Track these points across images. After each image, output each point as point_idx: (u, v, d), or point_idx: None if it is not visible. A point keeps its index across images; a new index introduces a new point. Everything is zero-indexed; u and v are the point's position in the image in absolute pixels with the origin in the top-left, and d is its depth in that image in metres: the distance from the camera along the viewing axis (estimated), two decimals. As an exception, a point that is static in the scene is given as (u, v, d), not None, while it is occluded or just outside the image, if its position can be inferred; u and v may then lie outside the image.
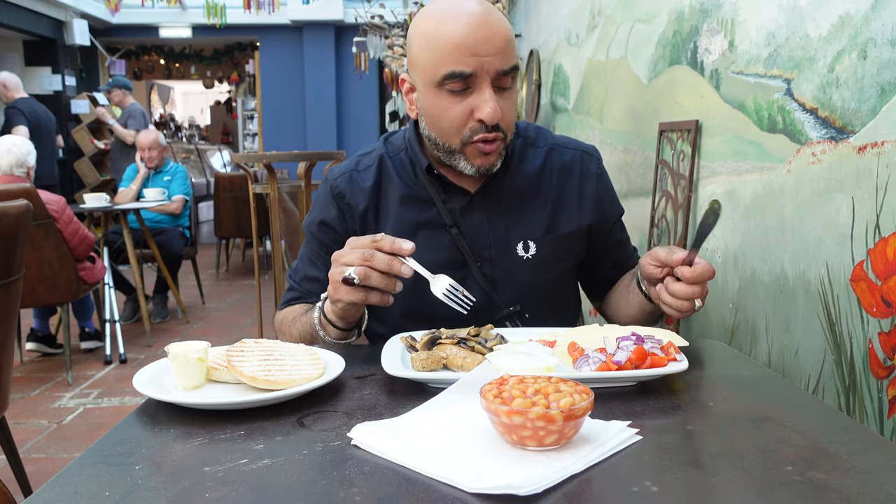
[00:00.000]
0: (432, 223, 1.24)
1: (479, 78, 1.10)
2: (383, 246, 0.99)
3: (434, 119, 1.16)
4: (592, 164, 1.34)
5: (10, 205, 1.88)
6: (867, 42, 1.15)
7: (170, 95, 15.72)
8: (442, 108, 1.13)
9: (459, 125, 1.13)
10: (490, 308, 1.24)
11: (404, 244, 0.99)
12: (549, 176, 1.29)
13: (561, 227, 1.27)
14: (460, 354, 0.94)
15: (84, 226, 3.48)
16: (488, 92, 1.10)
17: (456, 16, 1.10)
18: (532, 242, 1.24)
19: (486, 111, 1.10)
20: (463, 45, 1.08)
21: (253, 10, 8.45)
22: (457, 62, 1.08)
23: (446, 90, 1.11)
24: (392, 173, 1.27)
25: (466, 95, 1.11)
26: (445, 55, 1.09)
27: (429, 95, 1.15)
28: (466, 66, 1.08)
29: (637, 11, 2.43)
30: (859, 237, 1.17)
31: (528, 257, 1.24)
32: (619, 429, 0.74)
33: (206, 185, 8.90)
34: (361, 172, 1.28)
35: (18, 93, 6.04)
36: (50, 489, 0.66)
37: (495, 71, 1.09)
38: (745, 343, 1.60)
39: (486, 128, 1.12)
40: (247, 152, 9.83)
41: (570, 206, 1.28)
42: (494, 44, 1.09)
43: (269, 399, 0.85)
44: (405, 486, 0.65)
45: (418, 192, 1.25)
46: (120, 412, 3.19)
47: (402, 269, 0.99)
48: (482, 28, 1.08)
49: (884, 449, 0.71)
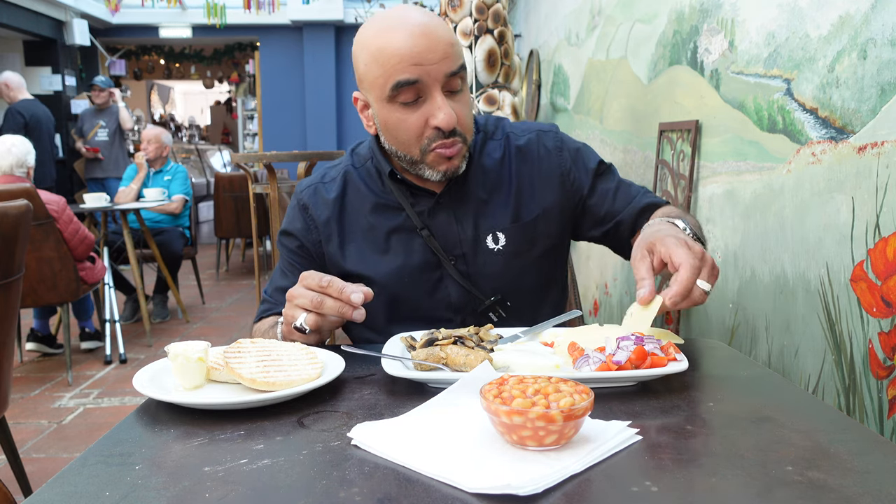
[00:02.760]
0: (403, 228, 1.26)
1: (428, 85, 1.12)
2: (331, 293, 1.00)
3: (392, 133, 1.18)
4: (549, 140, 1.33)
5: (10, 205, 1.88)
6: (867, 42, 1.15)
7: (170, 95, 15.72)
8: (397, 120, 1.15)
9: (417, 135, 1.15)
10: (472, 303, 1.26)
11: (353, 296, 1.00)
12: (509, 165, 1.30)
13: (526, 214, 1.28)
14: (461, 354, 0.94)
15: (84, 226, 3.48)
16: (440, 98, 1.12)
17: (396, 28, 1.11)
18: (501, 234, 1.26)
19: (440, 117, 1.12)
20: (407, 56, 1.10)
21: (253, 10, 8.46)
22: (402, 72, 1.10)
23: (399, 103, 1.13)
24: (359, 184, 1.29)
25: (419, 105, 1.13)
26: (391, 68, 1.11)
27: (383, 110, 1.16)
28: (412, 74, 1.10)
29: (637, 11, 2.43)
30: (859, 237, 1.17)
31: (498, 249, 1.26)
32: (619, 429, 0.74)
33: (206, 185, 8.90)
34: (327, 184, 1.31)
35: (21, 93, 6.03)
36: (50, 489, 0.66)
37: (443, 75, 1.11)
38: (745, 343, 1.60)
39: (444, 134, 1.14)
40: (247, 152, 9.83)
41: (534, 190, 1.29)
42: (437, 51, 1.11)
43: (269, 399, 0.85)
44: (405, 486, 0.65)
45: (387, 199, 1.27)
46: (120, 412, 3.19)
47: (353, 315, 1.01)
48: (423, 36, 1.10)
49: (884, 449, 0.71)
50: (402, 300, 1.24)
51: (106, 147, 6.70)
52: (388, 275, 1.25)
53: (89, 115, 6.80)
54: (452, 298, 1.26)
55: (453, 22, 3.32)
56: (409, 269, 1.24)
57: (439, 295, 1.26)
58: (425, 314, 1.24)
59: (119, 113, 6.71)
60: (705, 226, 1.86)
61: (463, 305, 1.25)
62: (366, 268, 1.26)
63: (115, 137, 6.73)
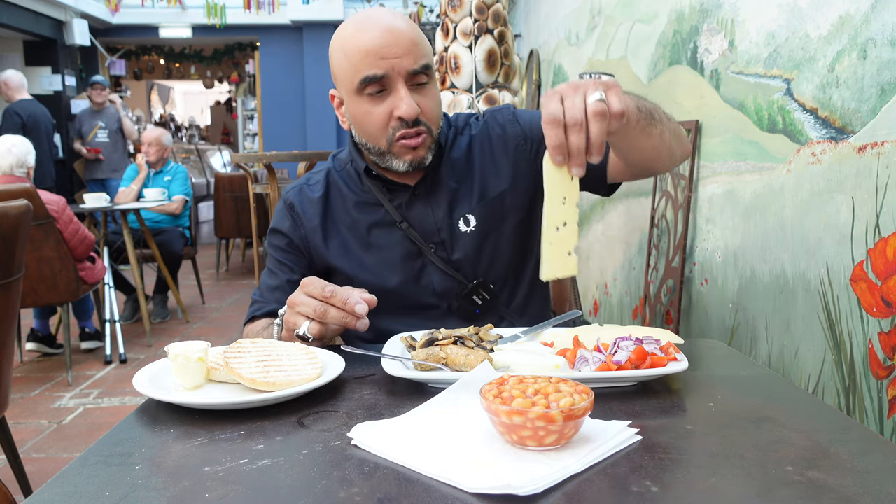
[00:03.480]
0: (383, 222, 1.32)
1: (393, 79, 1.19)
2: (335, 303, 1.03)
3: (360, 125, 1.25)
4: (502, 116, 1.39)
5: (10, 205, 1.88)
6: (867, 42, 1.15)
7: (170, 95, 15.72)
8: (365, 112, 1.22)
9: (382, 126, 1.22)
10: (455, 287, 1.31)
11: (358, 307, 1.03)
12: (473, 151, 1.36)
13: (490, 191, 1.33)
14: (461, 354, 0.94)
15: (84, 226, 3.48)
16: (403, 91, 1.19)
17: (365, 27, 1.20)
18: (470, 215, 1.32)
19: (402, 108, 1.18)
20: (372, 51, 1.18)
21: (253, 10, 8.46)
22: (370, 66, 1.18)
23: (366, 96, 1.20)
24: (341, 185, 1.36)
25: (384, 97, 1.20)
26: (359, 62, 1.19)
27: (353, 103, 1.24)
28: (378, 69, 1.18)
29: (637, 11, 2.43)
30: (859, 237, 1.17)
31: (470, 230, 1.31)
32: (619, 429, 0.74)
33: (206, 185, 8.90)
34: (311, 186, 1.38)
35: (20, 93, 6.02)
36: (50, 489, 0.66)
37: (405, 71, 1.18)
38: (745, 343, 1.60)
39: (407, 124, 1.20)
40: (247, 152, 9.83)
41: (497, 168, 1.35)
42: (401, 45, 1.18)
43: (269, 399, 0.85)
44: (405, 486, 0.65)
45: (366, 196, 1.33)
46: (120, 412, 3.19)
47: (357, 325, 1.04)
48: (388, 33, 1.18)
49: (884, 449, 0.71)
50: (388, 290, 1.28)
51: (107, 148, 6.69)
52: (372, 267, 1.30)
53: (87, 115, 6.78)
54: (436, 285, 1.31)
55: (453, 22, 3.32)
56: (392, 260, 1.30)
57: (423, 282, 1.31)
58: (411, 301, 1.30)
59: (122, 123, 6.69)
60: (705, 226, 1.86)
61: (447, 291, 1.31)
62: (350, 261, 1.31)
63: (116, 138, 6.73)
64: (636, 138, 1.10)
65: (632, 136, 1.08)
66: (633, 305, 2.57)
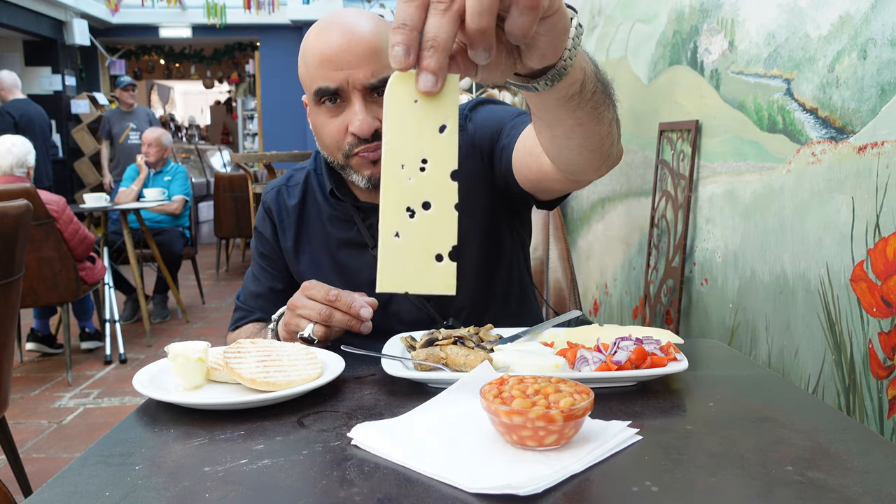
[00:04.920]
0: (354, 242, 1.25)
1: (348, 92, 1.08)
2: (340, 307, 1.03)
3: (319, 136, 1.16)
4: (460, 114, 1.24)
5: (10, 205, 1.88)
6: (867, 42, 1.15)
7: (170, 95, 15.72)
8: (322, 123, 1.13)
9: (338, 140, 1.12)
10: (425, 320, 1.23)
11: (363, 311, 1.02)
12: None
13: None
14: (461, 354, 0.94)
15: (84, 226, 3.48)
16: (357, 105, 1.08)
17: (325, 30, 1.09)
18: None
19: (355, 125, 1.08)
20: (326, 59, 1.07)
21: (253, 10, 8.47)
22: (324, 77, 1.08)
23: (323, 106, 1.11)
24: (317, 193, 1.28)
25: (342, 109, 1.11)
26: (315, 71, 1.09)
27: (312, 112, 1.15)
28: (332, 81, 1.07)
29: (637, 11, 2.43)
30: (859, 237, 1.17)
31: None
32: (619, 429, 0.74)
33: (206, 185, 8.90)
34: (290, 188, 1.31)
35: (13, 93, 6.00)
36: (50, 489, 0.66)
37: (361, 84, 1.07)
38: (745, 343, 1.60)
39: (364, 140, 1.10)
40: (247, 152, 9.84)
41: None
42: (356, 53, 1.06)
43: (269, 399, 0.85)
44: (405, 486, 0.65)
45: (340, 211, 1.25)
46: (120, 412, 3.19)
47: (361, 328, 1.04)
48: (343, 38, 1.06)
49: (884, 449, 0.71)
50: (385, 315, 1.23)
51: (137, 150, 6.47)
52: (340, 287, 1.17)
53: (116, 117, 6.53)
54: (404, 314, 1.25)
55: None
56: (360, 284, 1.20)
57: (391, 310, 1.25)
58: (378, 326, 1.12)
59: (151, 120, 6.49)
60: (705, 226, 1.86)
61: (416, 321, 1.23)
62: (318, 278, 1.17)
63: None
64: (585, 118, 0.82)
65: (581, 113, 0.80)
66: (633, 305, 2.57)
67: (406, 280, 0.62)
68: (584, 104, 0.78)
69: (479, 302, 1.26)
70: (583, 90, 0.76)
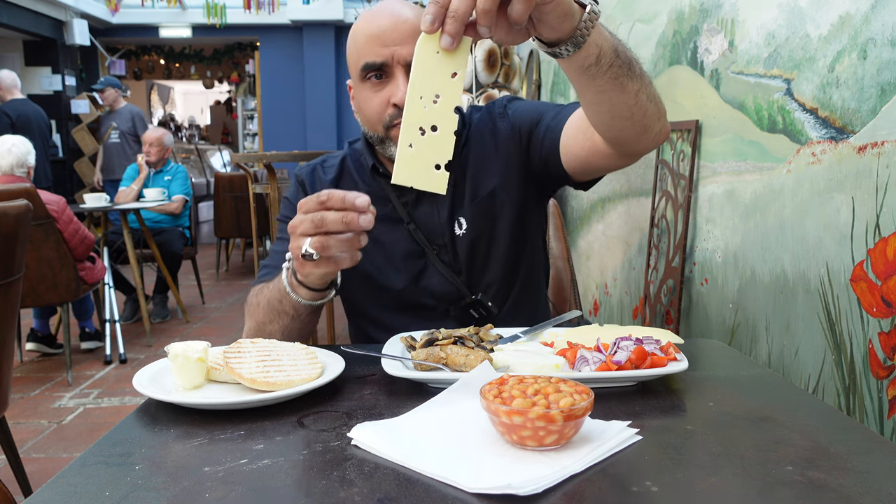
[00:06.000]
0: (389, 218, 1.30)
1: (392, 67, 1.19)
2: (333, 204, 0.94)
3: (361, 111, 1.26)
4: (496, 108, 1.37)
5: (10, 205, 1.88)
6: (867, 42, 1.15)
7: (170, 95, 15.72)
8: (366, 98, 1.23)
9: (380, 112, 1.22)
10: (453, 294, 1.29)
11: (357, 199, 0.93)
12: (468, 149, 1.33)
13: (482, 188, 1.31)
14: (461, 354, 0.94)
15: (84, 226, 3.48)
16: (401, 78, 1.18)
17: (374, 14, 1.22)
18: (462, 218, 1.30)
19: (398, 96, 1.18)
20: (374, 37, 1.19)
21: (253, 10, 8.46)
22: (371, 53, 1.19)
23: (368, 82, 1.22)
24: (353, 173, 1.36)
25: (384, 84, 1.21)
26: (362, 48, 1.20)
27: (357, 90, 1.25)
28: (378, 56, 1.18)
29: (637, 11, 2.43)
30: (859, 237, 1.17)
31: (462, 233, 1.29)
32: (619, 429, 0.74)
33: (206, 185, 8.90)
34: (325, 168, 1.38)
35: (11, 93, 5.98)
36: (50, 489, 0.66)
37: (405, 60, 1.18)
38: (745, 343, 1.60)
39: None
40: (247, 152, 9.83)
41: (487, 164, 1.31)
42: (401, 31, 1.17)
43: (269, 399, 0.85)
44: (405, 486, 0.65)
45: (375, 189, 1.32)
46: (120, 412, 3.19)
47: (360, 221, 0.94)
48: (390, 19, 1.19)
49: (884, 449, 0.71)
50: (387, 287, 1.29)
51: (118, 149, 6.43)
52: (374, 261, 1.28)
53: (105, 116, 6.57)
54: (435, 288, 1.30)
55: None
56: (395, 257, 1.29)
57: (423, 283, 1.30)
58: (409, 300, 1.29)
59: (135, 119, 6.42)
60: (705, 226, 1.86)
61: (445, 295, 1.29)
62: None
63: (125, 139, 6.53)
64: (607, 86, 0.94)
65: (602, 82, 0.93)
66: (633, 305, 2.57)
67: (413, 178, 0.81)
68: (602, 74, 0.92)
69: (506, 280, 1.32)
70: (599, 62, 0.89)
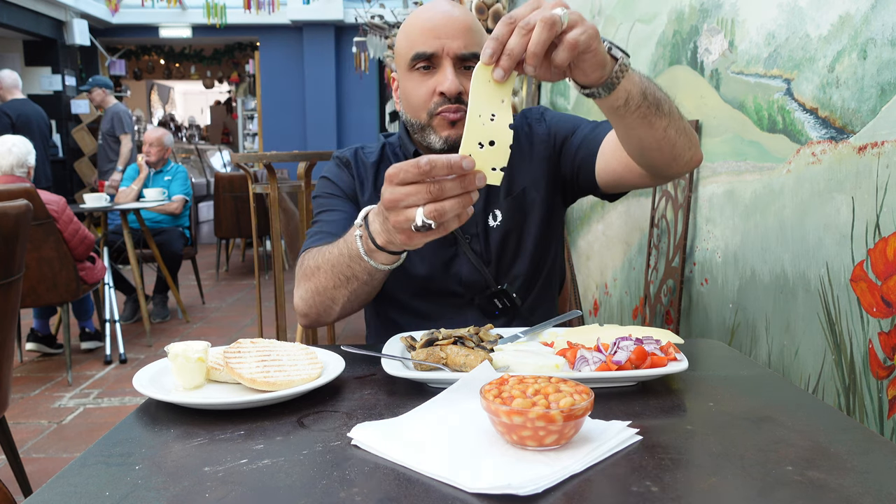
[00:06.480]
0: None
1: (441, 58, 1.24)
2: (439, 171, 0.87)
3: (407, 99, 1.30)
4: (533, 113, 1.45)
5: (10, 205, 1.88)
6: (867, 42, 1.15)
7: (170, 95, 15.72)
8: (412, 87, 1.28)
9: (426, 99, 1.26)
10: (480, 282, 1.34)
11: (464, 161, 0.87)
12: None
13: (516, 186, 1.37)
14: (461, 354, 0.94)
15: (84, 226, 3.48)
16: (449, 69, 1.24)
17: (427, 10, 1.29)
18: (497, 210, 1.36)
19: (445, 85, 1.23)
20: (426, 29, 1.25)
21: (253, 10, 8.45)
22: (423, 43, 1.24)
23: (417, 71, 1.26)
24: (392, 159, 1.40)
25: (432, 74, 1.26)
26: (414, 39, 1.26)
27: (404, 79, 1.30)
28: (429, 47, 1.24)
29: (637, 11, 2.43)
30: (859, 237, 1.17)
31: (496, 225, 1.36)
32: (619, 429, 0.74)
33: (206, 185, 8.90)
34: (366, 152, 1.44)
35: (12, 93, 5.97)
36: (50, 489, 0.66)
37: (454, 53, 1.24)
38: (745, 343, 1.60)
39: (449, 100, 1.24)
40: (247, 152, 9.82)
41: (522, 163, 1.38)
42: (454, 27, 1.24)
43: (269, 399, 0.85)
44: (405, 486, 0.65)
45: None
46: (120, 412, 3.19)
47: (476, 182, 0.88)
48: (443, 15, 1.26)
49: (884, 449, 0.71)
50: (416, 272, 1.33)
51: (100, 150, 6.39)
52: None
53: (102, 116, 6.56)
54: (463, 276, 1.34)
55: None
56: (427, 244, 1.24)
57: (452, 271, 1.35)
58: (437, 287, 1.34)
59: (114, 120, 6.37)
60: (705, 226, 1.86)
61: (472, 284, 1.34)
62: None
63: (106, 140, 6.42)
64: (635, 123, 1.04)
65: (630, 120, 1.03)
66: (633, 305, 2.57)
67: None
68: (630, 114, 1.02)
69: (531, 274, 1.38)
70: (627, 104, 1.00)
